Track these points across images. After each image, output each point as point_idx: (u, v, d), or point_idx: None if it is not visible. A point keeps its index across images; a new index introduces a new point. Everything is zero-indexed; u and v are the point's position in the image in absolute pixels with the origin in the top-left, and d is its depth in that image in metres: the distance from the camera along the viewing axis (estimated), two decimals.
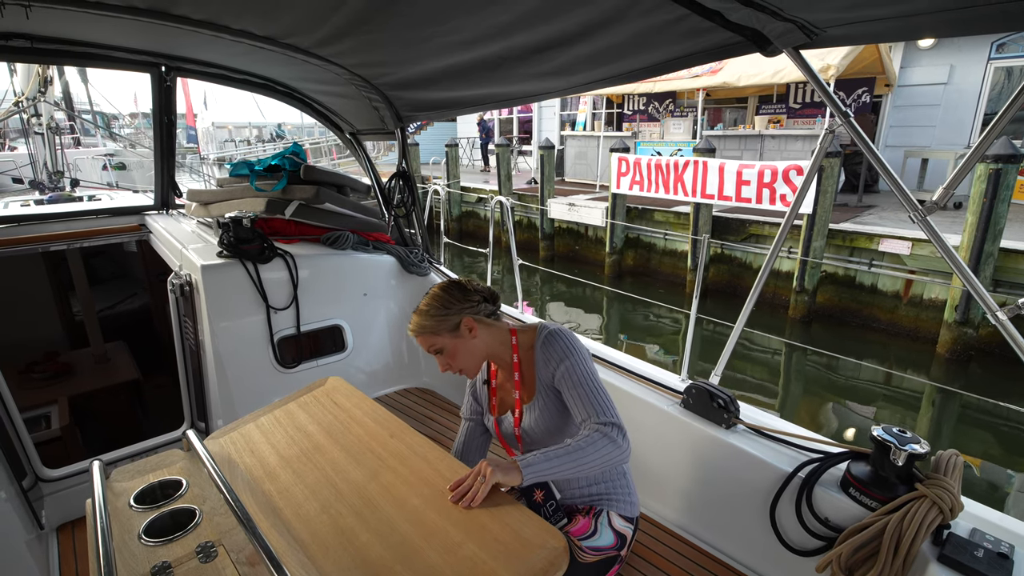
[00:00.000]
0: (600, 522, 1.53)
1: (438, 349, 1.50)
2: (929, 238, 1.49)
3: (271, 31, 1.86)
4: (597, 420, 1.34)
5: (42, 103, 6.14)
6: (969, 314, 6.21)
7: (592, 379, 1.42)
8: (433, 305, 1.50)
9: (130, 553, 1.11)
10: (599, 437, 1.30)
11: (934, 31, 1.20)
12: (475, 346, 1.52)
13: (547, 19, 1.42)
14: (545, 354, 1.48)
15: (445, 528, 1.13)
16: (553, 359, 1.46)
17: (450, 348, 1.50)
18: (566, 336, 1.48)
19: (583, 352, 1.46)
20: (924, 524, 1.33)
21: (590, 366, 1.45)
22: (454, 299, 1.52)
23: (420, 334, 1.51)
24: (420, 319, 1.51)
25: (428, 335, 1.50)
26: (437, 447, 1.40)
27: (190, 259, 2.46)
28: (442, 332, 1.49)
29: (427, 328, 1.50)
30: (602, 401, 1.38)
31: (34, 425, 2.83)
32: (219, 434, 1.57)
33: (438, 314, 1.49)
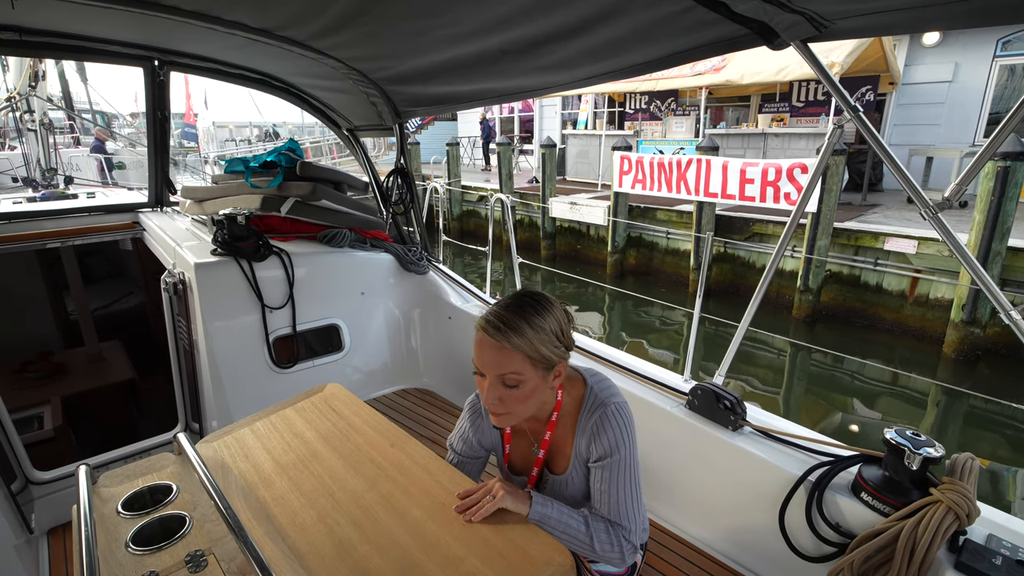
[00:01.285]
0: None
1: (512, 382, 1.11)
2: (940, 235, 1.44)
3: (266, 23, 1.82)
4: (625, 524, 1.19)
5: (34, 99, 6.11)
6: (976, 313, 6.15)
7: (634, 481, 1.21)
8: (539, 321, 1.12)
9: (116, 562, 1.07)
10: (612, 547, 1.17)
11: (946, 23, 1.16)
12: (544, 396, 1.20)
13: (548, 11, 1.38)
14: (591, 435, 1.22)
15: (446, 541, 1.09)
16: (601, 444, 1.20)
17: (527, 387, 1.13)
18: (624, 418, 1.22)
19: (634, 441, 1.23)
20: (940, 530, 1.28)
21: (636, 459, 1.23)
22: (563, 327, 1.17)
23: (509, 348, 1.09)
24: (514, 329, 1.10)
25: (515, 354, 1.10)
26: (439, 458, 1.36)
27: (184, 257, 2.42)
28: (535, 363, 1.12)
29: (520, 346, 1.10)
30: (633, 508, 1.20)
31: (27, 426, 2.79)
32: (212, 438, 1.52)
33: (541, 337, 1.11)
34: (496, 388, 1.13)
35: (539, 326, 1.12)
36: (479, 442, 1.40)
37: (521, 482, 1.36)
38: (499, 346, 1.10)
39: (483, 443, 1.40)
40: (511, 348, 1.09)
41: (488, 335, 1.11)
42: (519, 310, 1.13)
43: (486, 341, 1.11)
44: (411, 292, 3.03)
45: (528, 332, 1.10)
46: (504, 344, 1.09)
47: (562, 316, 1.18)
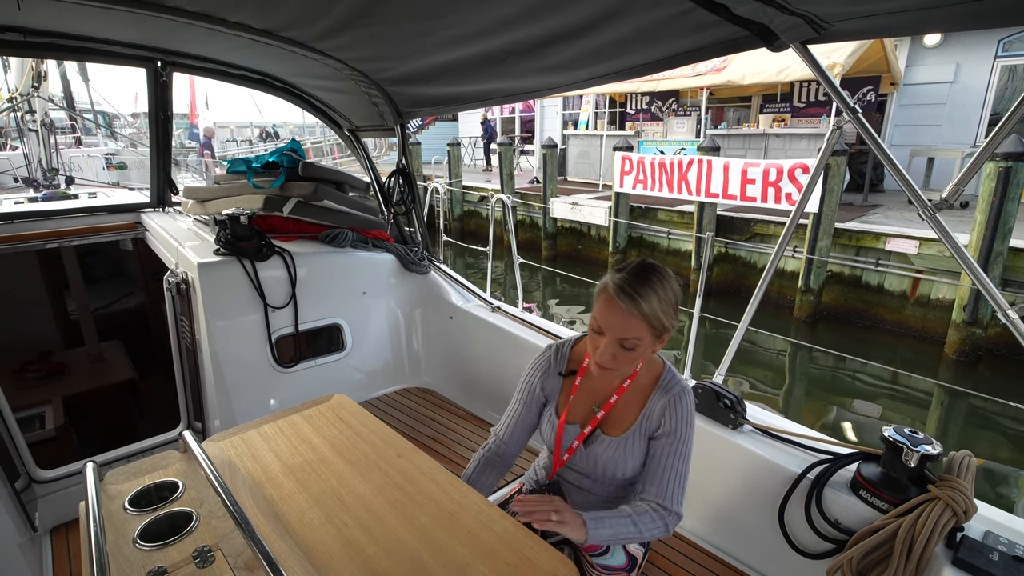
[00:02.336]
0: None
1: (631, 345, 1.21)
2: (939, 235, 1.45)
3: (269, 24, 1.83)
4: (665, 505, 1.28)
5: (36, 99, 6.12)
6: (978, 314, 6.14)
7: (687, 461, 1.32)
8: (664, 290, 1.21)
9: (125, 558, 1.07)
10: (659, 524, 1.26)
11: (945, 25, 1.17)
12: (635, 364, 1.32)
13: (551, 12, 1.39)
14: (665, 409, 1.32)
15: (454, 547, 1.11)
16: (670, 420, 1.31)
17: (640, 350, 1.23)
18: (691, 404, 1.34)
19: (694, 426, 1.35)
20: (938, 527, 1.29)
21: (691, 443, 1.34)
22: (677, 299, 1.26)
23: (637, 315, 1.18)
24: (644, 298, 1.18)
25: (641, 321, 1.19)
26: (446, 470, 1.38)
27: (186, 257, 2.43)
28: (653, 330, 1.22)
29: (647, 315, 1.18)
30: (680, 487, 1.30)
31: (28, 425, 2.80)
32: (218, 437, 1.53)
33: (664, 307, 1.20)
34: (612, 347, 1.22)
35: (663, 296, 1.20)
36: (542, 389, 1.49)
37: (573, 431, 1.43)
38: (627, 312, 1.18)
39: (545, 391, 1.49)
40: (638, 316, 1.18)
41: (619, 300, 1.18)
42: (647, 280, 1.20)
43: (616, 305, 1.19)
44: (412, 292, 3.04)
45: (654, 302, 1.18)
46: (632, 311, 1.17)
47: (678, 288, 1.26)
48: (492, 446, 1.54)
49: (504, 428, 1.54)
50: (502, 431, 1.54)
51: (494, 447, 1.54)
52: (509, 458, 1.55)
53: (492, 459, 1.53)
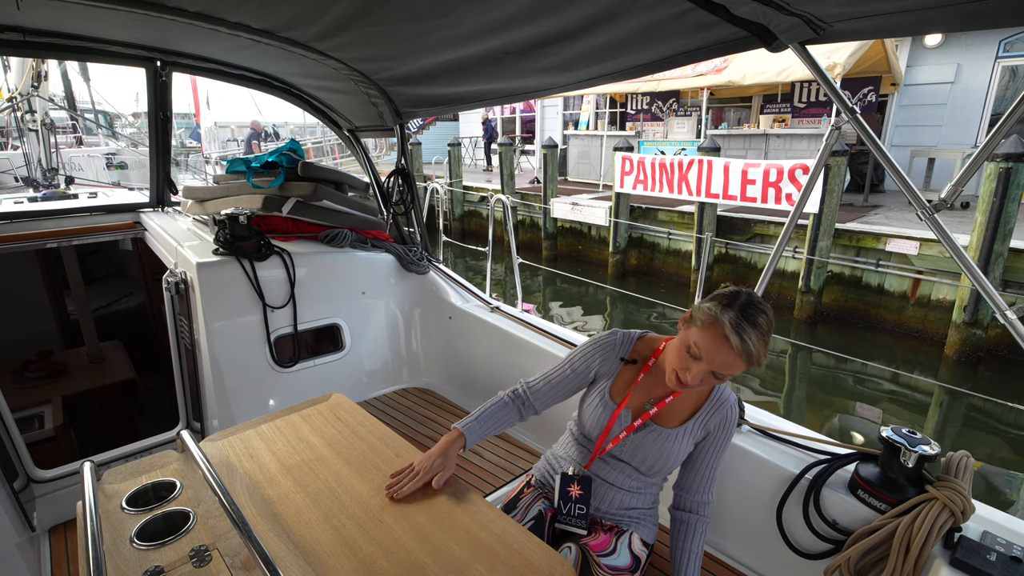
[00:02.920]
0: (620, 542, 1.49)
1: (723, 376, 1.30)
2: (937, 236, 1.45)
3: (269, 24, 1.83)
4: (703, 498, 1.50)
5: (36, 99, 6.12)
6: (978, 315, 6.14)
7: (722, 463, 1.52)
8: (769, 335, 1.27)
9: (122, 557, 1.08)
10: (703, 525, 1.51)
11: (944, 25, 1.17)
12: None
13: (550, 13, 1.40)
14: (723, 419, 1.47)
15: (451, 547, 1.11)
16: (724, 426, 1.47)
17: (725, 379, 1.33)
18: (737, 413, 1.50)
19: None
20: (935, 527, 1.29)
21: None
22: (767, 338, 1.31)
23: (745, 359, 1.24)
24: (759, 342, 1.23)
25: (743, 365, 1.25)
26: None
27: (185, 257, 2.43)
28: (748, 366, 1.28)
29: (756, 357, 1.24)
30: (716, 479, 1.52)
31: (27, 425, 2.80)
32: (216, 437, 1.53)
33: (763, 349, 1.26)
34: (706, 375, 1.28)
35: (766, 338, 1.25)
36: (596, 368, 1.55)
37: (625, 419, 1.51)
38: (736, 355, 1.23)
39: (597, 369, 1.55)
40: (744, 359, 1.24)
41: (731, 341, 1.22)
42: (757, 322, 1.23)
43: (726, 345, 1.23)
44: (412, 292, 3.04)
45: (761, 345, 1.23)
46: (741, 356, 1.23)
47: (773, 320, 1.30)
48: (520, 391, 1.58)
49: (540, 381, 1.58)
50: (537, 383, 1.58)
51: (521, 393, 1.57)
52: (530, 410, 1.57)
53: (511, 404, 1.55)
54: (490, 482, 2.25)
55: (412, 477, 1.29)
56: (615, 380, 1.53)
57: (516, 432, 2.60)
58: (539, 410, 1.58)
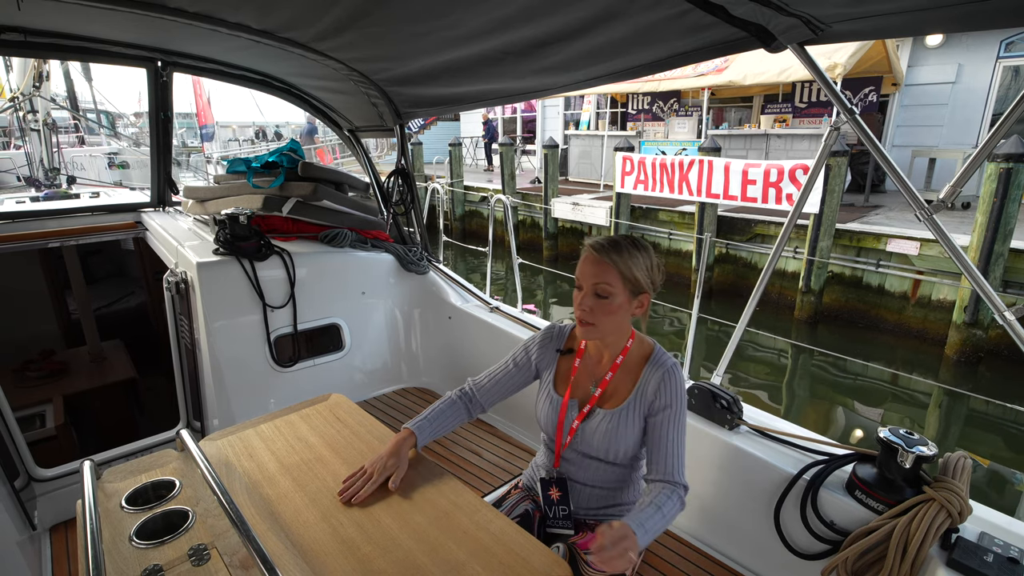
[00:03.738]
0: None
1: (602, 292, 1.31)
2: (935, 237, 1.45)
3: (269, 24, 1.84)
4: (672, 479, 1.33)
5: (37, 99, 6.14)
6: (978, 315, 6.14)
7: (683, 434, 1.39)
8: (636, 252, 1.32)
9: (120, 556, 1.08)
10: (676, 502, 1.30)
11: (942, 26, 1.17)
12: (622, 322, 1.39)
13: (548, 13, 1.40)
14: (659, 383, 1.39)
15: (449, 547, 1.12)
16: (665, 394, 1.38)
17: (613, 302, 1.32)
18: (682, 379, 1.42)
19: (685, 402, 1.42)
20: (932, 528, 1.29)
21: (685, 419, 1.40)
22: (653, 268, 1.36)
23: (605, 260, 1.30)
24: (615, 249, 1.30)
25: (611, 268, 1.30)
26: (443, 470, 1.39)
27: (186, 256, 2.44)
28: (624, 281, 1.31)
29: (616, 263, 1.30)
30: (681, 459, 1.37)
31: (28, 424, 2.81)
32: (216, 436, 1.54)
33: (635, 263, 1.31)
34: (589, 298, 1.33)
35: (635, 254, 1.33)
36: (536, 362, 1.57)
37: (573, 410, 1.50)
38: (599, 260, 1.31)
39: (538, 363, 1.57)
40: (609, 263, 1.30)
41: (593, 251, 1.33)
42: (620, 241, 1.34)
43: (589, 256, 1.33)
44: (411, 292, 3.04)
45: (625, 255, 1.31)
46: (604, 259, 1.31)
47: (654, 259, 1.38)
48: (467, 390, 1.59)
49: (486, 378, 1.60)
50: (483, 380, 1.60)
51: (468, 391, 1.59)
52: (477, 407, 1.59)
53: (459, 402, 1.56)
54: (489, 482, 2.25)
55: (366, 479, 1.28)
56: (556, 373, 1.54)
57: (515, 433, 2.61)
58: (486, 407, 1.59)
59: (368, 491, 1.26)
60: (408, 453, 1.38)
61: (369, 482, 1.27)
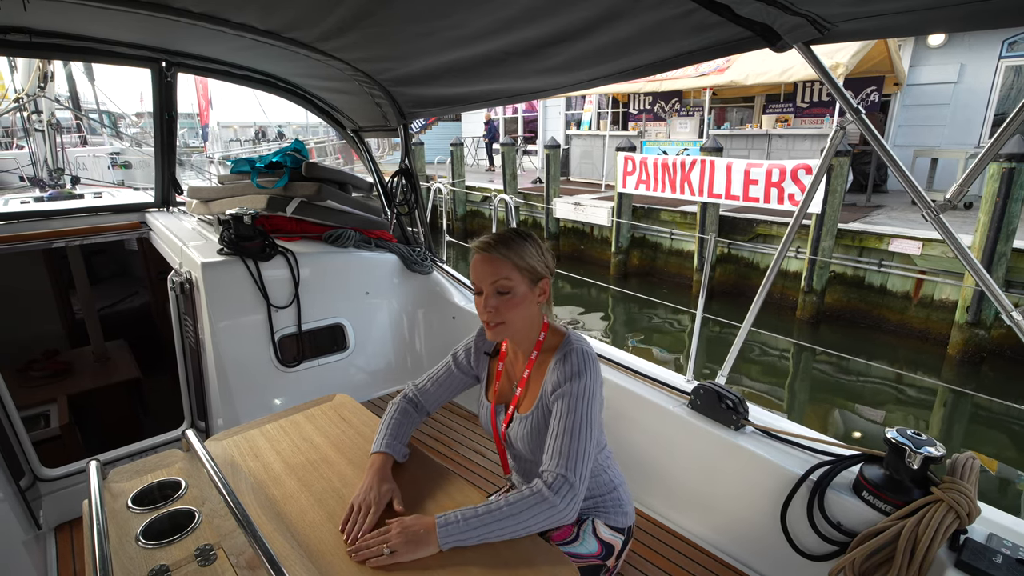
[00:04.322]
0: (583, 530, 1.44)
1: (503, 288, 1.27)
2: (943, 237, 1.45)
3: (273, 25, 1.84)
4: (555, 469, 1.16)
5: (42, 99, 6.16)
6: (981, 315, 6.13)
7: (583, 421, 1.21)
8: (524, 242, 1.30)
9: (127, 556, 1.08)
10: (536, 502, 1.13)
11: (948, 25, 1.17)
12: (530, 314, 1.32)
13: (552, 13, 1.39)
14: (559, 368, 1.28)
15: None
16: (562, 376, 1.26)
17: (516, 295, 1.28)
18: (587, 359, 1.27)
19: (593, 385, 1.26)
20: (941, 529, 1.28)
21: (592, 405, 1.25)
22: (544, 253, 1.33)
23: (497, 256, 1.27)
24: (504, 244, 1.28)
25: (505, 262, 1.27)
26: (448, 470, 1.39)
27: (190, 256, 2.44)
28: (521, 272, 1.28)
29: (509, 256, 1.27)
30: (576, 451, 1.18)
31: (33, 424, 2.81)
32: (221, 436, 1.54)
33: (526, 252, 1.29)
34: (492, 298, 1.29)
35: (521, 243, 1.30)
36: (473, 364, 1.54)
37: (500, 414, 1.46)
38: (491, 258, 1.28)
39: (476, 367, 1.54)
40: (501, 257, 1.27)
41: (482, 251, 1.30)
42: (505, 233, 1.32)
43: (480, 257, 1.30)
44: (415, 292, 3.04)
45: (514, 246, 1.29)
46: (495, 255, 1.28)
47: (542, 243, 1.35)
48: (411, 396, 1.54)
49: (427, 381, 1.56)
50: (424, 383, 1.56)
51: (412, 397, 1.54)
52: (421, 412, 1.55)
53: (409, 408, 1.51)
54: (492, 481, 2.25)
55: (366, 514, 1.18)
56: (487, 377, 1.51)
57: None
58: (430, 410, 1.55)
59: (372, 523, 1.17)
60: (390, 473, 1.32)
61: (371, 514, 1.18)
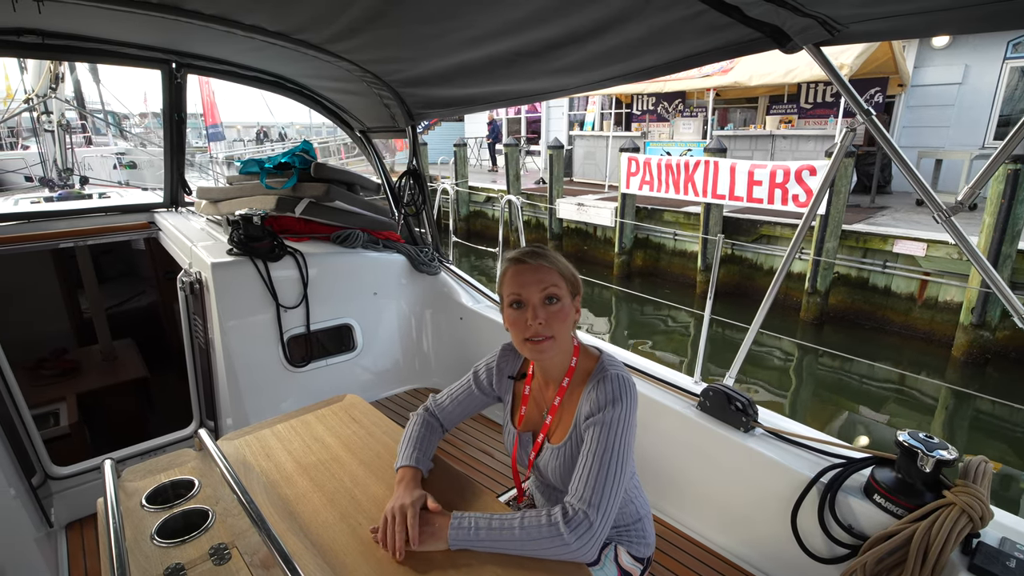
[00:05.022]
0: (605, 555, 1.38)
1: (553, 295, 1.20)
2: (954, 239, 1.45)
3: (283, 27, 1.84)
4: (578, 504, 1.10)
5: (52, 100, 6.18)
6: (986, 316, 6.11)
7: (615, 454, 1.13)
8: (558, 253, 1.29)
9: (143, 554, 1.08)
10: (550, 535, 1.07)
11: (960, 27, 1.16)
12: (569, 332, 1.26)
13: (562, 15, 1.40)
14: (593, 394, 1.20)
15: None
16: (597, 404, 1.18)
17: (564, 305, 1.22)
18: (624, 385, 1.19)
19: (630, 414, 1.18)
20: (954, 533, 1.28)
21: (627, 436, 1.16)
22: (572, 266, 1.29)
23: (543, 264, 1.22)
24: (543, 254, 1.24)
25: (551, 269, 1.22)
26: (458, 471, 1.39)
27: (200, 257, 2.45)
28: (566, 280, 1.23)
29: (555, 263, 1.23)
30: (603, 487, 1.11)
31: (42, 422, 2.82)
32: (233, 436, 1.55)
33: (562, 263, 1.26)
34: (540, 309, 1.20)
35: (556, 254, 1.27)
36: (495, 386, 1.45)
37: (526, 441, 1.39)
38: (536, 266, 1.22)
39: (498, 388, 1.45)
40: (548, 265, 1.22)
41: (524, 262, 1.23)
42: (536, 246, 1.27)
43: (523, 267, 1.23)
44: (423, 292, 3.05)
45: (551, 255, 1.25)
46: (541, 263, 1.22)
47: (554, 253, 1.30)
48: (433, 411, 1.49)
49: (446, 399, 1.49)
50: (444, 401, 1.49)
51: (434, 413, 1.49)
52: (444, 427, 1.50)
53: (432, 424, 1.46)
54: (501, 483, 2.26)
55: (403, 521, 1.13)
56: (512, 400, 1.42)
57: None
58: (447, 428, 1.49)
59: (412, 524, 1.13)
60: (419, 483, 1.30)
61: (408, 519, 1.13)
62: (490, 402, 1.49)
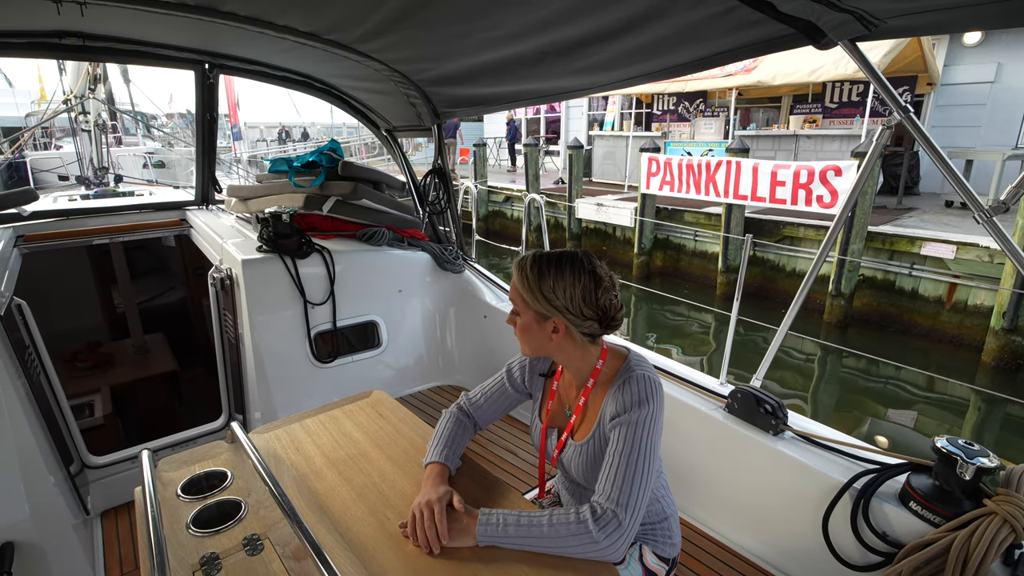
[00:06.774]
0: (630, 554, 1.38)
1: (516, 310, 1.28)
2: (996, 240, 1.40)
3: (314, 27, 1.87)
4: (606, 503, 1.10)
5: (90, 101, 6.34)
6: (1018, 321, 5.94)
7: (643, 454, 1.14)
8: (544, 276, 1.21)
9: (179, 542, 1.11)
10: (579, 532, 1.08)
11: (1005, 20, 1.11)
12: (548, 344, 1.27)
13: (590, 13, 1.39)
14: (619, 394, 1.21)
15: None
16: (623, 404, 1.19)
17: (523, 325, 1.26)
18: (650, 386, 1.20)
19: (657, 415, 1.19)
20: (995, 543, 1.25)
21: (654, 437, 1.17)
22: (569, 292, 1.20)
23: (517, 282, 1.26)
24: (525, 277, 1.23)
25: (518, 295, 1.25)
26: (485, 470, 1.39)
27: (231, 253, 2.49)
28: (526, 304, 1.24)
29: (521, 291, 1.24)
30: (631, 486, 1.11)
31: (79, 413, 2.90)
32: (263, 429, 1.57)
33: (538, 289, 1.21)
34: (512, 316, 1.30)
35: (532, 272, 1.23)
36: (527, 381, 1.48)
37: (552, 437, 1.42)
38: (513, 283, 1.28)
39: (530, 385, 1.48)
40: (516, 282, 1.26)
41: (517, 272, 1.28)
42: (543, 260, 1.24)
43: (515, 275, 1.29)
44: (447, 290, 3.06)
45: (529, 281, 1.23)
46: (517, 277, 1.26)
47: (589, 285, 1.21)
48: (464, 407, 1.51)
49: (479, 395, 1.51)
50: (477, 398, 1.51)
51: (467, 412, 1.50)
52: (479, 425, 1.52)
53: (464, 422, 1.48)
54: (526, 481, 2.26)
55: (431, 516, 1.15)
56: (541, 396, 1.45)
57: None
58: (482, 426, 1.51)
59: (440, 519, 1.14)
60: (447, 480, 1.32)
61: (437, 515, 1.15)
62: (522, 399, 1.51)
